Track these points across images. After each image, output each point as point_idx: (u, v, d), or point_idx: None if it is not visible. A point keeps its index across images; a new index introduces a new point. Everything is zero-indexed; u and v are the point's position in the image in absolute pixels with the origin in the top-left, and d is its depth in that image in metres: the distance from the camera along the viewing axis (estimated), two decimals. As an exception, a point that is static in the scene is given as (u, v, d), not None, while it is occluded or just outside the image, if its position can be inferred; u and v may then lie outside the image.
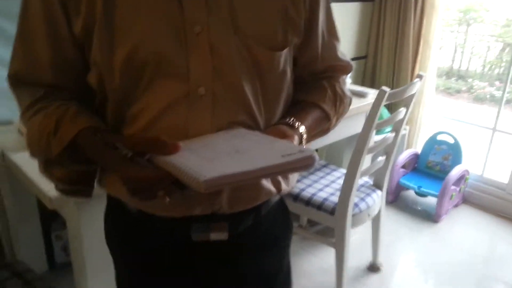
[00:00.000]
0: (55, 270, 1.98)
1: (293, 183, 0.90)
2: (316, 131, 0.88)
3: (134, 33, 0.69)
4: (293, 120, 0.80)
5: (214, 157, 0.62)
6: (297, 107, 0.86)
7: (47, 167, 0.77)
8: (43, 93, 0.75)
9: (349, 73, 0.96)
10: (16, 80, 0.78)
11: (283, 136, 0.74)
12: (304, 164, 0.61)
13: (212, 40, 0.71)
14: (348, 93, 0.94)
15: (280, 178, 0.85)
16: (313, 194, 1.98)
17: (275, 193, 0.84)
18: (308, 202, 1.96)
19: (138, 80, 0.72)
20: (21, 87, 0.78)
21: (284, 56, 0.79)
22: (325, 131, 0.92)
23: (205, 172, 0.55)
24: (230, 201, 0.79)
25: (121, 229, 0.89)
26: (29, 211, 1.79)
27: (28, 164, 1.38)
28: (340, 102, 0.91)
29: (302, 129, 0.80)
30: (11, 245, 1.77)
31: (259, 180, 0.61)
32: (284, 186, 0.86)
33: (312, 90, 0.89)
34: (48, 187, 1.23)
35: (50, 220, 1.96)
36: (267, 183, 0.82)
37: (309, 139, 0.83)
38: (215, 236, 0.81)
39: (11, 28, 1.56)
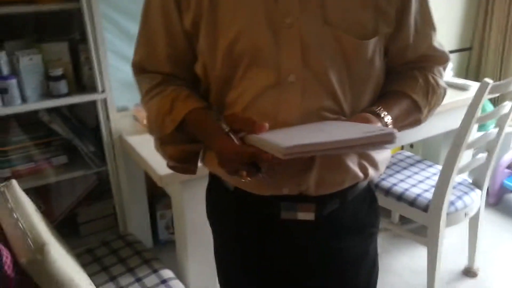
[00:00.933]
0: (159, 246, 2.20)
1: (382, 170, 0.91)
2: (406, 122, 0.88)
3: (234, 26, 0.78)
4: (380, 109, 0.81)
5: (299, 134, 0.69)
6: (386, 96, 0.87)
7: (162, 145, 0.90)
8: (160, 80, 0.88)
9: (445, 64, 0.94)
10: (138, 68, 0.91)
11: (367, 123, 0.77)
12: (383, 140, 0.64)
13: (302, 32, 0.77)
14: (442, 84, 0.92)
15: (367, 164, 0.87)
16: (406, 189, 1.94)
17: (362, 179, 0.87)
18: (400, 197, 1.93)
19: (236, 69, 0.80)
20: (142, 74, 0.91)
21: (373, 45, 0.81)
22: (416, 122, 0.91)
23: (287, 142, 0.62)
24: (317, 182, 0.83)
25: (219, 203, 0.99)
26: (139, 191, 2.00)
27: (142, 146, 1.57)
28: (432, 92, 0.90)
29: (388, 118, 0.81)
30: (124, 220, 2.00)
31: (339, 152, 0.66)
32: (371, 172, 0.88)
33: (402, 79, 0.89)
34: (159, 167, 1.39)
35: (156, 200, 2.18)
36: (353, 167, 0.85)
37: (396, 129, 0.84)
38: (302, 216, 0.87)
39: (133, 27, 1.79)
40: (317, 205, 0.87)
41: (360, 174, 0.86)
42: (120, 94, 1.82)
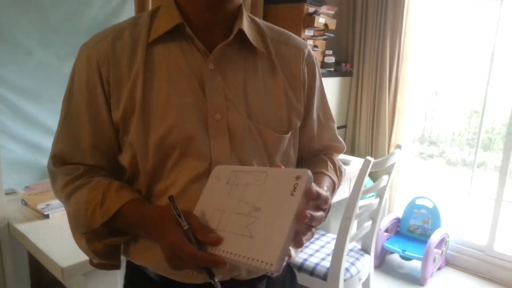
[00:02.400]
0: None
1: (300, 249, 0.99)
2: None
3: (166, 120, 0.81)
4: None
5: (246, 229, 0.71)
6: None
7: (88, 242, 0.84)
8: (82, 171, 0.86)
9: (341, 152, 1.08)
10: (60, 160, 0.87)
11: None
12: (309, 185, 0.69)
13: (230, 125, 0.84)
14: (343, 166, 1.06)
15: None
16: (305, 260, 2.05)
17: (287, 259, 0.93)
18: (301, 268, 2.02)
19: (167, 160, 0.83)
20: (62, 166, 0.87)
21: (288, 139, 0.91)
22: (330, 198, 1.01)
23: (266, 257, 0.66)
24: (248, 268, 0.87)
25: None
26: (23, 283, 1.78)
27: (36, 235, 1.43)
28: (339, 172, 1.03)
29: (325, 188, 0.89)
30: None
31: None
32: (293, 253, 0.94)
33: (314, 163, 1.01)
34: (59, 258, 1.27)
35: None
36: None
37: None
38: None
39: (26, 105, 1.69)
40: None
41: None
42: (6, 176, 1.66)
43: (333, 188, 0.99)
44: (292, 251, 0.94)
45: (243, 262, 0.68)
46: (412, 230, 3.00)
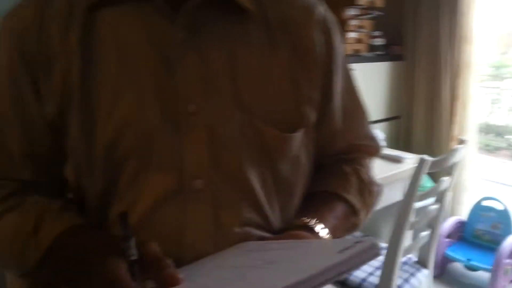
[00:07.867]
0: None
1: None
2: (342, 230, 0.72)
3: (116, 114, 0.58)
4: (313, 221, 0.65)
5: (239, 271, 0.49)
6: (316, 200, 0.71)
7: None
8: (12, 189, 0.63)
9: (376, 155, 0.81)
10: None
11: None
12: (368, 256, 0.47)
13: (210, 121, 0.60)
14: (376, 181, 0.79)
15: None
16: (349, 274, 1.77)
17: None
18: (344, 283, 1.74)
19: (120, 173, 0.59)
20: None
21: (298, 140, 0.66)
22: (353, 227, 0.75)
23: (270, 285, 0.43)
24: None
25: None
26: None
27: None
28: (368, 191, 0.76)
29: (324, 232, 0.65)
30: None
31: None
32: None
33: (332, 177, 0.75)
34: None
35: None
36: None
37: None
38: None
39: None
40: None
41: None
42: None
43: (353, 217, 0.73)
44: None
45: None
46: (479, 236, 2.61)
